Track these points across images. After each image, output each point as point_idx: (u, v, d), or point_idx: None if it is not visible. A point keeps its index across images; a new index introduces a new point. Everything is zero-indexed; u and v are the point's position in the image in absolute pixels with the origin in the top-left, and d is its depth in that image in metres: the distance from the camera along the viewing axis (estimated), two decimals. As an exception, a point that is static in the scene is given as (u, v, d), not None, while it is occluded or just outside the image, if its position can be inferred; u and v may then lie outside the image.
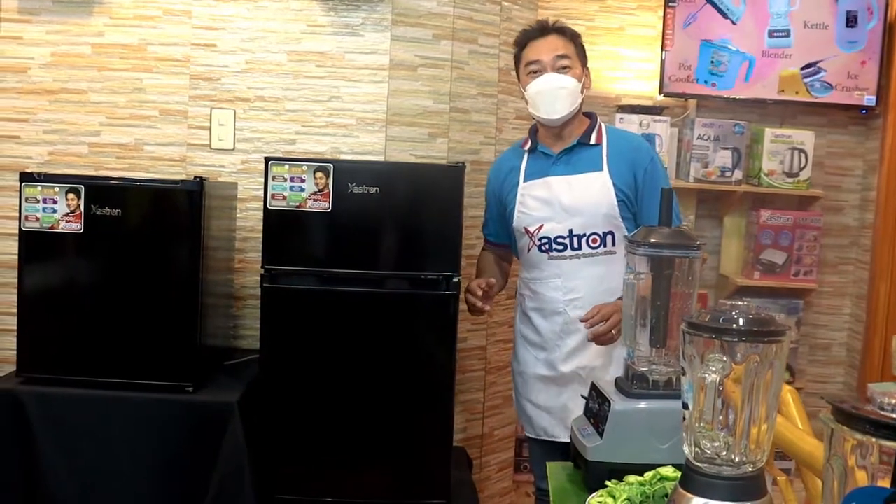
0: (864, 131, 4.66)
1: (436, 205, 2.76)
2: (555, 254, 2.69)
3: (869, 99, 4.45)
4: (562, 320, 2.69)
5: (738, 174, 4.36)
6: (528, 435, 2.84)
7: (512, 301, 3.68)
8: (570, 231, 2.66)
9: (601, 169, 2.67)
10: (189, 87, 3.39)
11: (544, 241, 2.70)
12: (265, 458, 2.73)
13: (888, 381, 3.57)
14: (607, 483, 1.80)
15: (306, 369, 2.76)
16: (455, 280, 2.73)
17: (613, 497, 1.74)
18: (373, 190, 2.72)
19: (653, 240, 1.96)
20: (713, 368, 1.37)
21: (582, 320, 2.56)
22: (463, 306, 2.74)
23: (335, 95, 3.39)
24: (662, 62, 4.29)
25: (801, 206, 4.58)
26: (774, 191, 4.42)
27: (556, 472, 2.03)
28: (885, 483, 0.90)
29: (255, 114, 3.41)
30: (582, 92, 2.71)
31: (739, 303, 1.46)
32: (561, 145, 2.73)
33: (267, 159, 2.80)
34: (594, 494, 1.79)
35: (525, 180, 2.75)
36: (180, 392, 2.74)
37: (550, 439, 2.71)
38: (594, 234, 2.66)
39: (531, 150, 2.77)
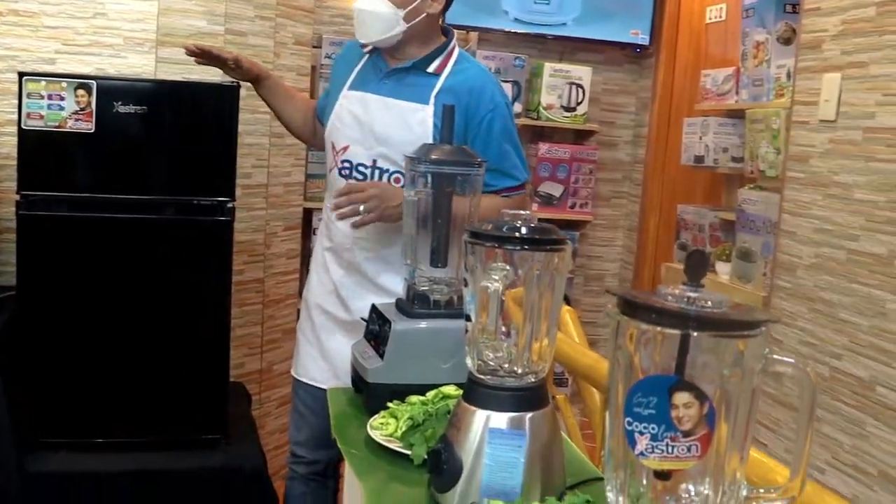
0: (638, 70, 4.81)
1: (209, 126, 2.60)
2: (353, 182, 2.40)
3: (643, 38, 4.59)
4: (349, 257, 2.44)
5: (517, 107, 4.40)
6: (295, 376, 2.59)
7: (290, 232, 3.58)
8: (374, 162, 2.38)
9: (427, 103, 2.35)
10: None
11: (345, 164, 2.42)
12: (26, 400, 2.52)
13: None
14: (389, 405, 1.75)
15: (69, 305, 2.56)
16: (230, 206, 2.58)
17: (395, 418, 1.70)
18: (140, 110, 2.52)
19: (434, 156, 1.91)
20: (495, 277, 1.33)
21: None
22: (239, 236, 2.60)
23: (100, 12, 3.13)
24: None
25: (578, 140, 4.69)
26: (553, 124, 4.50)
27: (337, 397, 1.97)
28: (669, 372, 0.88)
29: (8, 29, 3.10)
30: (411, 18, 2.33)
31: (522, 212, 1.42)
32: (395, 63, 2.42)
33: (21, 74, 2.55)
34: (376, 416, 1.74)
35: (349, 88, 2.45)
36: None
37: (314, 384, 2.49)
38: (399, 172, 2.35)
39: (370, 55, 2.48)
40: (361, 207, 2.26)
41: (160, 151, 2.59)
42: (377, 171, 2.38)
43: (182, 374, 2.59)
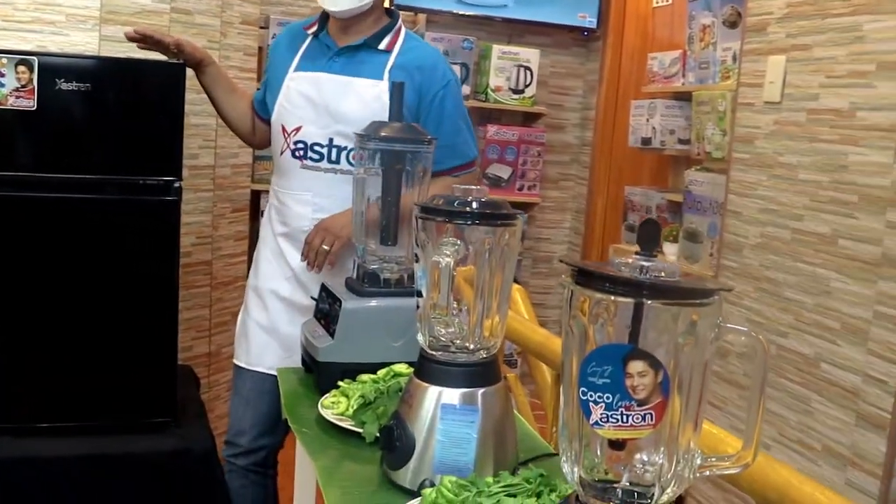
0: (586, 53, 4.83)
1: (154, 105, 2.53)
2: (309, 163, 2.38)
3: (590, 21, 4.60)
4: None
5: (466, 89, 4.39)
6: (238, 364, 2.55)
7: (238, 214, 3.54)
8: (331, 141, 2.34)
9: (381, 78, 2.33)
10: None
11: (300, 146, 2.38)
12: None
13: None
14: (340, 383, 1.75)
15: (11, 287, 2.49)
16: (176, 185, 2.53)
17: (347, 396, 1.69)
18: (84, 87, 2.46)
19: (383, 133, 1.90)
20: (446, 252, 1.32)
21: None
22: (186, 218, 2.55)
23: (41, -12, 3.06)
24: (393, -27, 4.23)
25: (526, 122, 4.71)
26: (501, 107, 4.50)
27: (287, 377, 1.95)
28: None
29: (-57, 5, 3.02)
30: None
31: (473, 187, 1.42)
32: (345, 41, 2.38)
33: (-44, 50, 2.48)
34: (327, 395, 1.73)
35: (296, 69, 2.41)
36: None
37: (270, 372, 2.43)
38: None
39: (315, 36, 2.43)
40: (324, 246, 2.27)
41: (105, 130, 2.53)
42: (334, 150, 2.35)
43: (130, 358, 2.54)
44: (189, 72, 2.57)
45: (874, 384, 2.42)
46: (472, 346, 1.42)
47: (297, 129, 2.39)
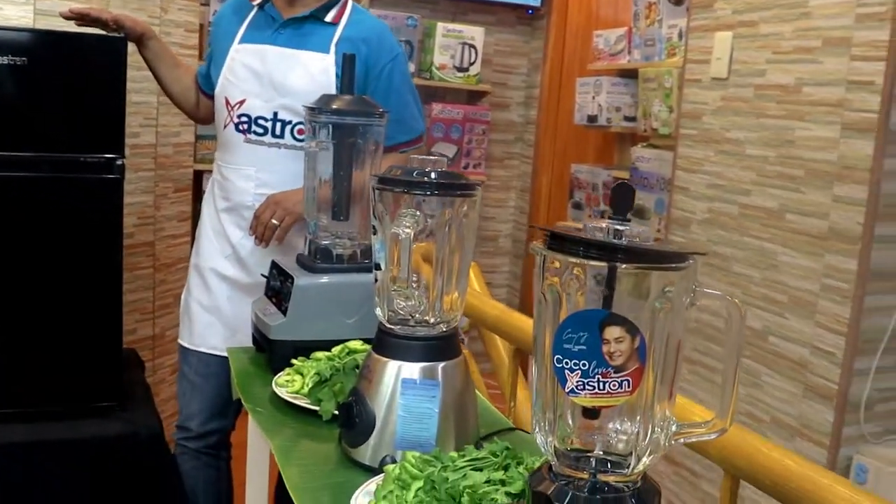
0: (530, 31, 4.82)
1: (95, 80, 2.45)
2: (252, 137, 2.31)
3: (534, 0, 4.59)
4: (250, 216, 2.31)
5: (410, 67, 4.34)
6: (183, 344, 2.49)
7: (180, 194, 3.46)
8: (276, 115, 2.29)
9: (327, 52, 2.28)
10: None
11: (243, 119, 2.31)
12: None
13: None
14: (294, 361, 1.71)
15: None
16: (119, 163, 2.46)
17: (301, 374, 1.66)
18: (20, 61, 2.37)
19: (335, 106, 1.86)
20: (406, 223, 1.29)
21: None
22: (128, 198, 2.48)
23: (-29, -39, 2.95)
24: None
25: (471, 100, 4.68)
26: (445, 85, 4.47)
27: (237, 356, 1.91)
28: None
29: None
30: None
31: (431, 157, 1.39)
32: (291, 13, 2.32)
33: None
34: (280, 374, 1.70)
35: (241, 41, 2.34)
36: None
37: (215, 352, 2.39)
38: (301, 124, 2.24)
39: (260, 7, 2.37)
40: (274, 221, 2.21)
41: (43, 106, 2.44)
42: (278, 124, 2.29)
43: (74, 342, 2.47)
44: (130, 48, 2.51)
45: (822, 356, 2.45)
46: (432, 320, 1.40)
47: (241, 103, 2.33)
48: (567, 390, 0.87)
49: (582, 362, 0.85)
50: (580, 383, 0.86)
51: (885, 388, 2.45)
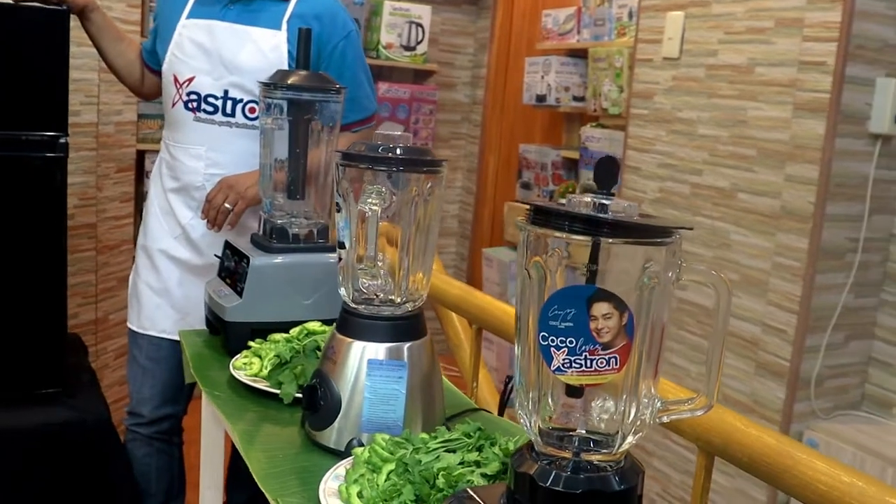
0: (477, 10, 4.79)
1: (35, 54, 2.37)
2: (202, 115, 2.25)
3: (479, -22, 4.56)
4: (200, 196, 2.27)
5: (357, 46, 4.29)
6: (132, 328, 2.43)
7: (123, 174, 3.38)
8: (226, 93, 2.23)
9: (279, 28, 2.23)
10: None
11: (193, 97, 2.25)
12: None
13: (499, 246, 3.69)
14: (250, 344, 1.67)
15: None
16: (62, 141, 2.38)
17: (259, 357, 1.61)
18: (-46, 35, 2.29)
19: (290, 82, 1.81)
20: (372, 201, 1.26)
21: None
22: (69, 179, 2.39)
23: None
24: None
25: (418, 80, 4.64)
26: (392, 64, 4.42)
27: (191, 339, 1.86)
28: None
29: None
30: None
31: (396, 133, 1.36)
32: None
33: None
34: (237, 356, 1.65)
35: (189, 16, 2.27)
36: None
37: (165, 336, 2.35)
38: (253, 101, 2.21)
39: None
40: (226, 205, 2.16)
41: (-21, 82, 2.36)
42: (229, 102, 2.23)
43: (16, 327, 2.39)
44: (72, 21, 2.43)
45: (773, 334, 2.47)
46: (398, 300, 1.37)
47: (190, 80, 2.26)
48: (553, 368, 0.85)
49: (569, 339, 0.83)
50: (566, 361, 0.84)
51: (835, 365, 2.48)
